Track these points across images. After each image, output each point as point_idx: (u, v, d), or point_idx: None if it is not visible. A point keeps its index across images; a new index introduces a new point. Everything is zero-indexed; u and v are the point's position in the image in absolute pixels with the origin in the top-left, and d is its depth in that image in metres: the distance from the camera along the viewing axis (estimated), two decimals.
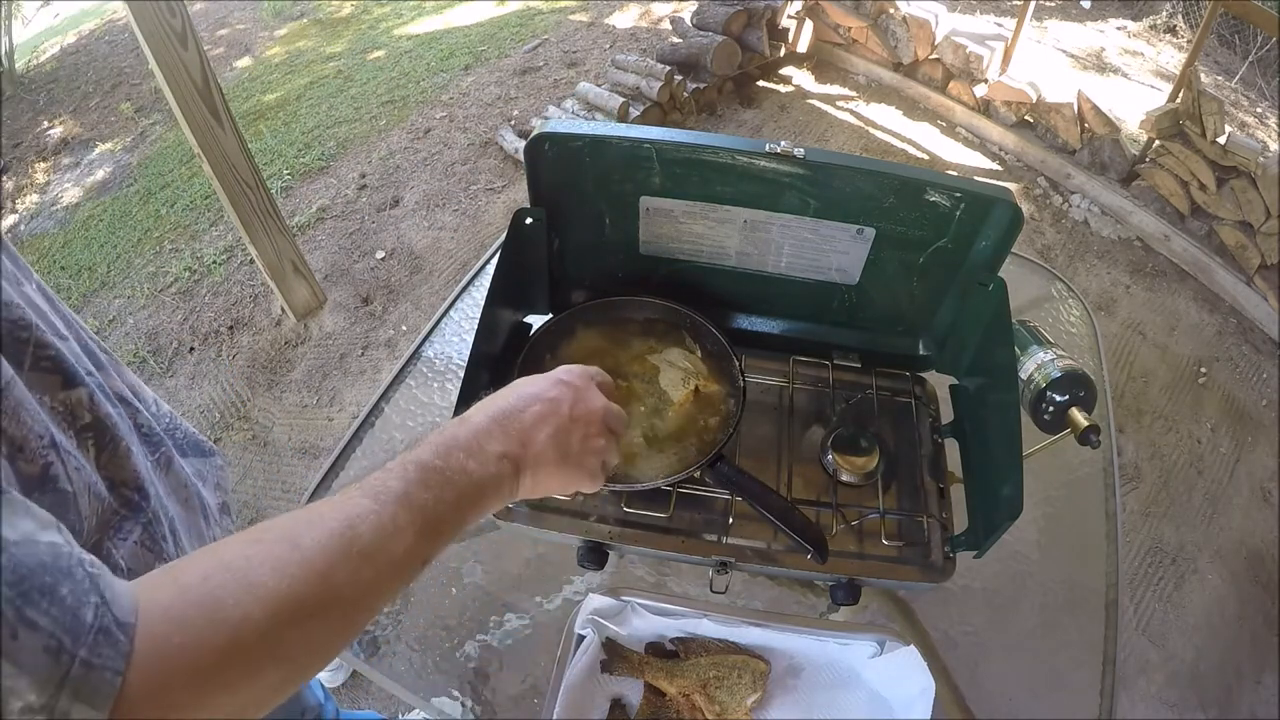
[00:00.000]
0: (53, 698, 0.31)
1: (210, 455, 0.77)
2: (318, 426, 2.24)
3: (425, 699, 0.85)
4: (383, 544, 0.44)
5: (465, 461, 0.52)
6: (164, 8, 1.67)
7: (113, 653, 0.32)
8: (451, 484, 0.50)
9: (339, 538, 0.42)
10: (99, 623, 0.32)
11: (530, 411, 0.58)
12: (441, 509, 0.49)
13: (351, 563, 0.42)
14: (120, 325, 2.60)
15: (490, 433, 0.55)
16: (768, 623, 0.82)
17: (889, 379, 0.99)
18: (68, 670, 0.31)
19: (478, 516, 0.53)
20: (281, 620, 0.38)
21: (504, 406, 0.58)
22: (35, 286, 0.55)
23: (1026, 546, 0.98)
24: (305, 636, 0.40)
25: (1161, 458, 2.17)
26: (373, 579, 0.43)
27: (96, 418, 0.53)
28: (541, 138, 0.83)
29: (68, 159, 3.60)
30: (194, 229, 2.98)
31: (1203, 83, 2.51)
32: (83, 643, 0.32)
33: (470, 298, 1.24)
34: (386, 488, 0.47)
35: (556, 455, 0.58)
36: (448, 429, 0.54)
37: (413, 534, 0.46)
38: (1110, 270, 2.72)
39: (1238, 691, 1.75)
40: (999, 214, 0.81)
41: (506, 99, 3.53)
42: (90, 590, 0.33)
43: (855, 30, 3.47)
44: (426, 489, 0.48)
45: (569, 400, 0.60)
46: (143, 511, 0.56)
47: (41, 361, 0.49)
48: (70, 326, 0.58)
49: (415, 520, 0.46)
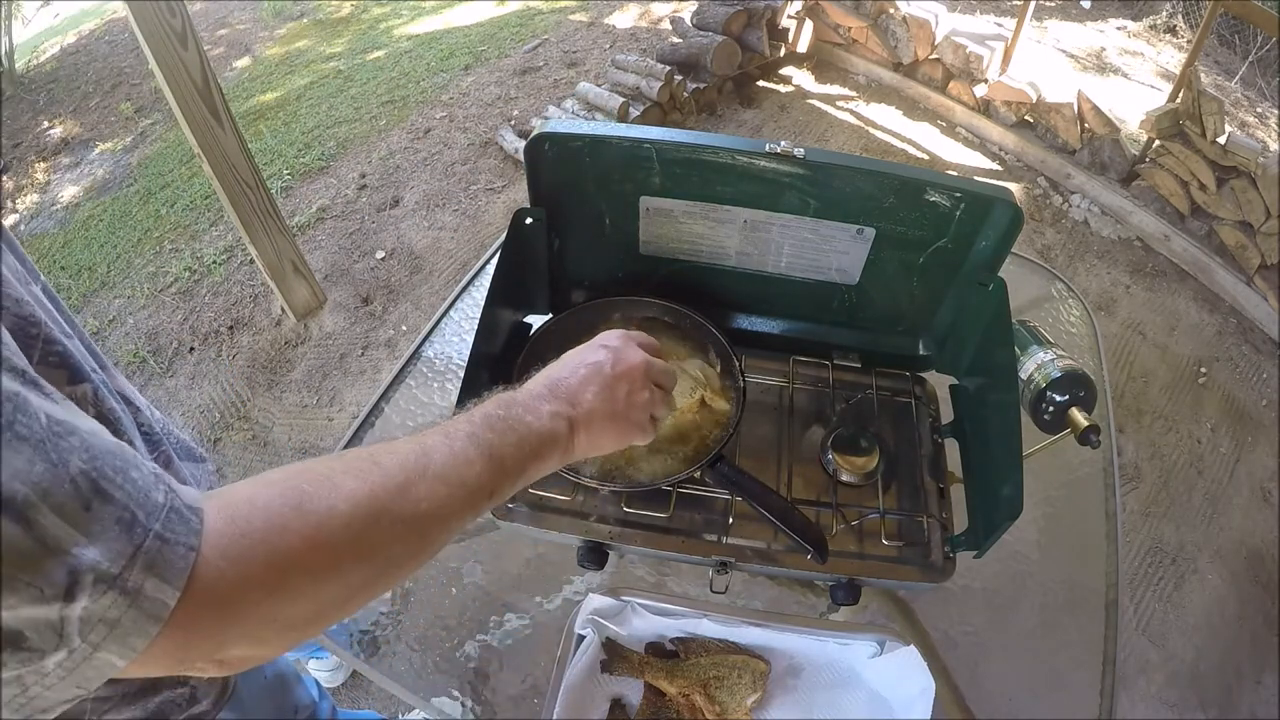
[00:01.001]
0: (126, 569, 0.31)
1: (202, 461, 0.78)
2: (318, 426, 2.24)
3: (425, 699, 0.85)
4: (455, 469, 0.48)
5: (524, 415, 0.56)
6: (164, 8, 1.67)
7: (184, 529, 0.33)
8: (514, 429, 0.54)
9: (415, 459, 0.46)
10: (170, 502, 0.33)
11: (576, 375, 0.62)
12: (506, 449, 0.53)
13: (427, 481, 0.45)
14: (120, 325, 2.60)
15: (541, 395, 0.59)
16: (768, 623, 0.82)
17: (889, 379, 0.99)
18: (141, 543, 0.31)
19: (539, 467, 0.57)
20: (365, 518, 0.40)
21: (552, 374, 0.63)
22: (41, 288, 0.56)
23: (1026, 546, 0.98)
24: (387, 538, 0.42)
25: (1161, 458, 2.17)
26: (446, 498, 0.46)
27: (100, 412, 0.54)
28: (541, 138, 0.83)
29: (68, 159, 3.60)
30: (194, 229, 2.98)
31: (1203, 83, 2.51)
32: (156, 518, 0.32)
33: (470, 298, 1.24)
34: (455, 428, 0.51)
35: (606, 410, 0.62)
36: (502, 395, 0.58)
37: (481, 465, 0.50)
38: (1110, 270, 2.72)
39: (1238, 691, 1.75)
40: (999, 214, 0.81)
41: (506, 99, 3.53)
42: (158, 480, 0.34)
43: (855, 30, 3.47)
44: (491, 430, 0.52)
45: (610, 361, 0.64)
46: None
47: (50, 357, 0.50)
48: (74, 327, 0.59)
49: (483, 454, 0.50)
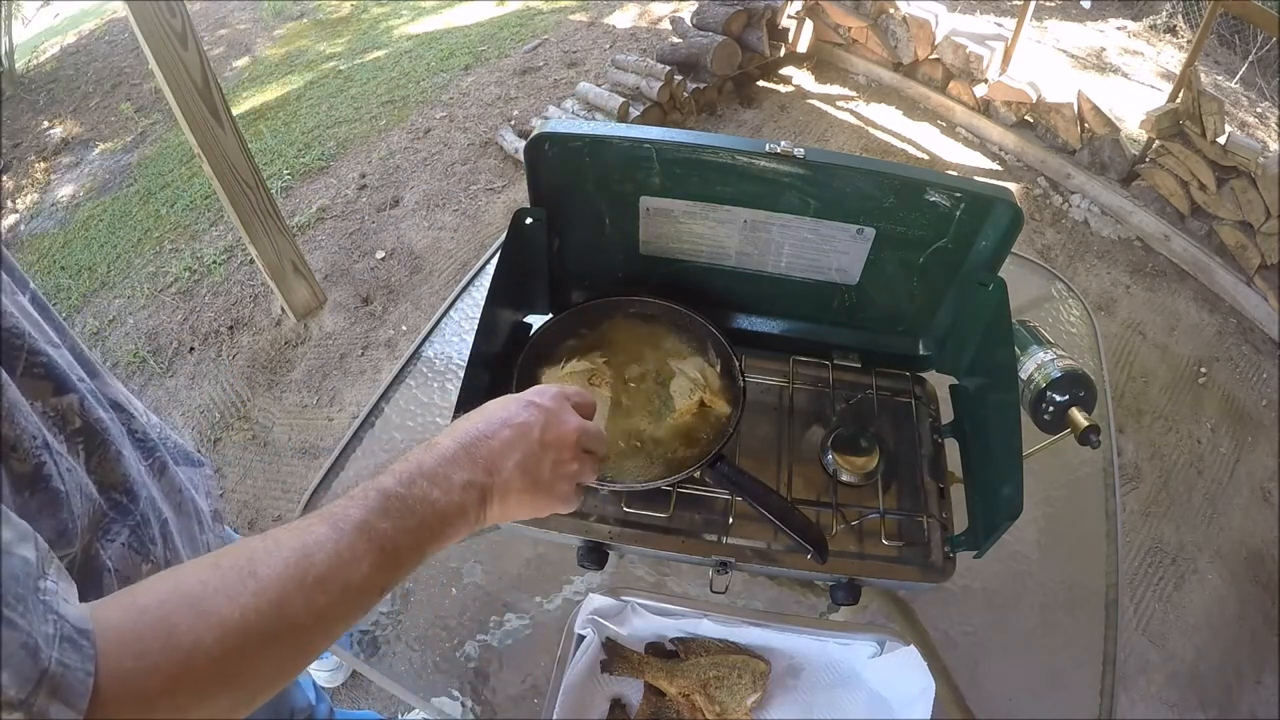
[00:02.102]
0: (32, 694, 0.31)
1: (199, 465, 0.78)
2: (318, 426, 2.24)
3: (425, 699, 0.85)
4: (338, 573, 0.44)
5: (429, 490, 0.51)
6: (164, 8, 1.67)
7: (79, 656, 0.34)
8: (413, 513, 0.49)
9: (294, 566, 0.42)
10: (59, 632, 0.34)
11: (499, 437, 0.56)
12: (401, 538, 0.48)
13: (306, 591, 0.42)
14: (120, 325, 2.60)
15: (457, 460, 0.54)
16: (768, 623, 0.82)
17: (889, 379, 0.99)
18: (45, 669, 0.32)
19: (440, 545, 0.52)
20: (233, 648, 0.38)
21: (472, 431, 0.56)
22: (30, 297, 0.56)
23: (1026, 546, 0.98)
24: (256, 664, 0.40)
25: (1161, 458, 2.17)
26: (326, 607, 0.43)
27: (87, 423, 0.53)
28: (541, 138, 0.83)
29: (68, 159, 3.60)
30: (194, 229, 2.98)
31: (1203, 83, 2.51)
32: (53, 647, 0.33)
33: (470, 298, 1.24)
34: (346, 516, 0.46)
35: (525, 482, 0.57)
36: (413, 455, 0.54)
37: (369, 563, 0.46)
38: (1110, 270, 2.72)
39: (1238, 691, 1.75)
40: (999, 214, 0.81)
41: (506, 99, 3.53)
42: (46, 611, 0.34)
43: (855, 30, 3.47)
44: (386, 517, 0.48)
45: (539, 424, 0.58)
46: (130, 514, 0.57)
47: (34, 368, 0.50)
48: (64, 334, 0.58)
49: (373, 549, 0.46)
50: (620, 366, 0.90)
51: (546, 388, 0.63)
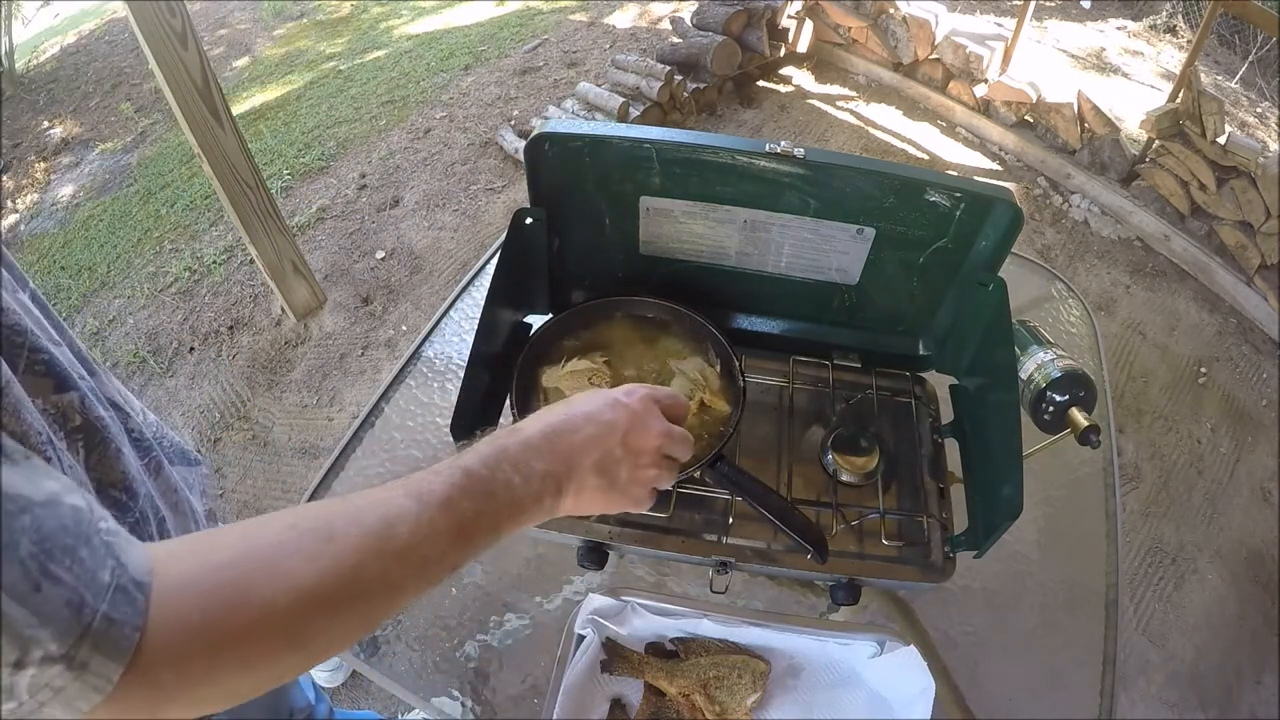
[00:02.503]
0: (74, 648, 0.32)
1: (196, 464, 0.78)
2: (318, 426, 2.24)
3: (425, 699, 0.85)
4: (417, 546, 0.44)
5: (510, 475, 0.52)
6: (164, 8, 1.67)
7: (130, 610, 0.34)
8: (493, 496, 0.50)
9: (375, 536, 0.43)
10: (115, 581, 0.34)
11: (583, 432, 0.57)
12: (480, 519, 0.49)
13: (384, 561, 0.43)
14: (120, 325, 2.60)
15: (539, 449, 0.55)
16: (768, 623, 0.82)
17: (889, 379, 0.99)
18: (89, 623, 0.33)
19: (514, 529, 0.53)
20: (306, 611, 0.39)
21: (556, 423, 0.57)
22: (30, 295, 0.56)
23: (1026, 546, 0.98)
24: (327, 628, 0.41)
25: (1161, 458, 2.17)
26: (400, 579, 0.44)
27: (87, 420, 0.53)
28: (541, 138, 0.83)
29: (68, 159, 3.60)
30: (194, 229, 2.98)
31: (1203, 83, 2.51)
32: (103, 598, 0.33)
33: (470, 298, 1.24)
34: (430, 490, 0.47)
35: (601, 481, 0.57)
36: (499, 438, 0.54)
37: (448, 540, 0.47)
38: (1110, 270, 2.72)
39: (1238, 691, 1.75)
40: (999, 214, 0.81)
41: (506, 99, 3.53)
42: (106, 555, 0.35)
43: (855, 30, 3.47)
44: (469, 496, 0.49)
45: (624, 427, 0.58)
46: (130, 511, 0.57)
47: (35, 366, 0.50)
48: (63, 333, 0.58)
49: (452, 526, 0.47)
50: (620, 366, 0.90)
51: (638, 388, 0.63)
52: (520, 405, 0.84)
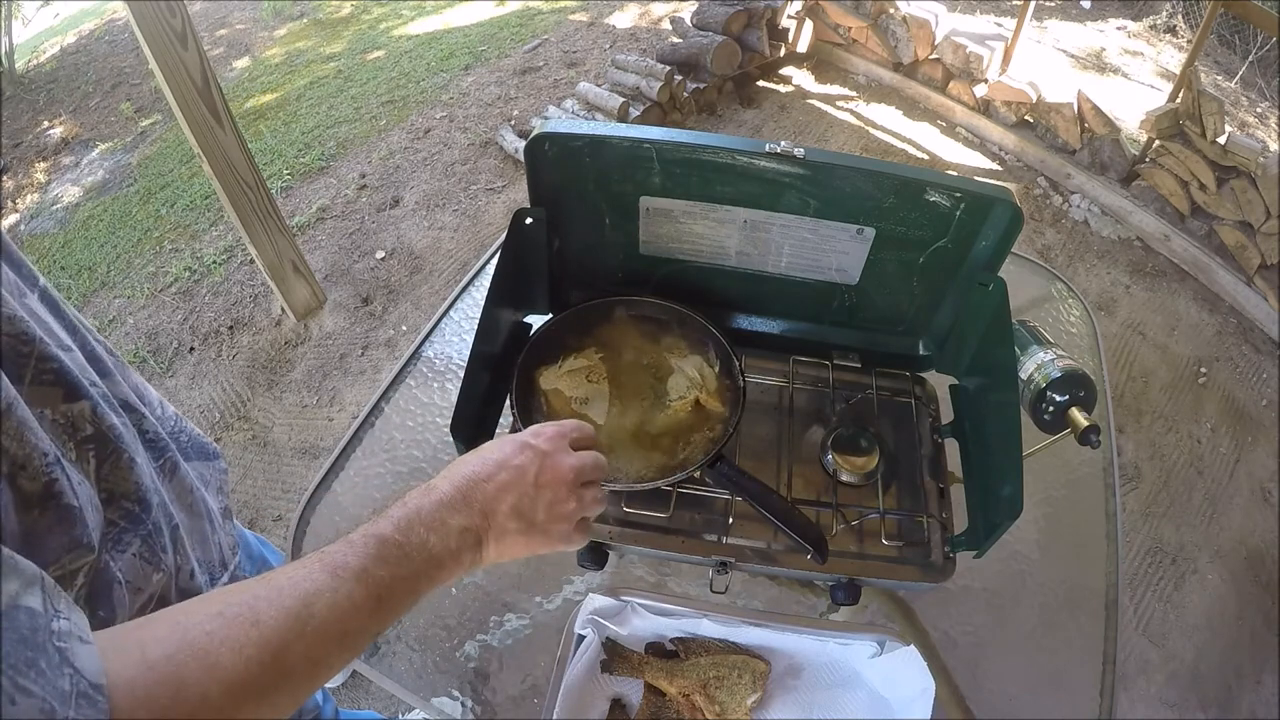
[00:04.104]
0: None
1: (214, 459, 0.77)
2: (318, 426, 2.24)
3: (425, 699, 0.85)
4: (336, 622, 0.45)
5: (426, 536, 0.52)
6: (164, 8, 1.67)
7: (94, 711, 0.35)
8: (409, 559, 0.51)
9: (295, 617, 0.43)
10: (75, 688, 0.35)
11: (495, 480, 0.58)
12: (398, 584, 0.50)
13: (305, 641, 0.43)
14: (120, 325, 2.60)
15: (453, 504, 0.55)
16: (768, 623, 0.82)
17: (889, 379, 0.99)
18: None
19: (435, 587, 0.53)
20: (237, 698, 0.40)
21: (468, 474, 0.58)
22: (39, 295, 0.55)
23: (1026, 546, 0.98)
24: (258, 710, 0.42)
25: (1161, 458, 2.17)
26: (323, 656, 0.45)
27: (99, 430, 0.53)
28: (541, 138, 0.83)
29: (68, 159, 3.60)
30: (194, 229, 2.98)
31: (1203, 83, 2.51)
32: (69, 705, 0.34)
33: (470, 298, 1.24)
34: (345, 564, 0.48)
35: (520, 525, 0.58)
36: (411, 499, 0.55)
37: (367, 612, 0.47)
38: (1110, 270, 2.72)
39: (1238, 691, 1.75)
40: (999, 214, 0.81)
41: (506, 99, 3.53)
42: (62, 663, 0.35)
43: (855, 30, 3.47)
44: (384, 564, 0.49)
45: (534, 467, 0.59)
46: (142, 523, 0.56)
47: (43, 375, 0.49)
48: (75, 333, 0.57)
49: (370, 597, 0.47)
50: (619, 365, 0.90)
51: (543, 427, 0.64)
52: (520, 405, 0.84)
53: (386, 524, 0.52)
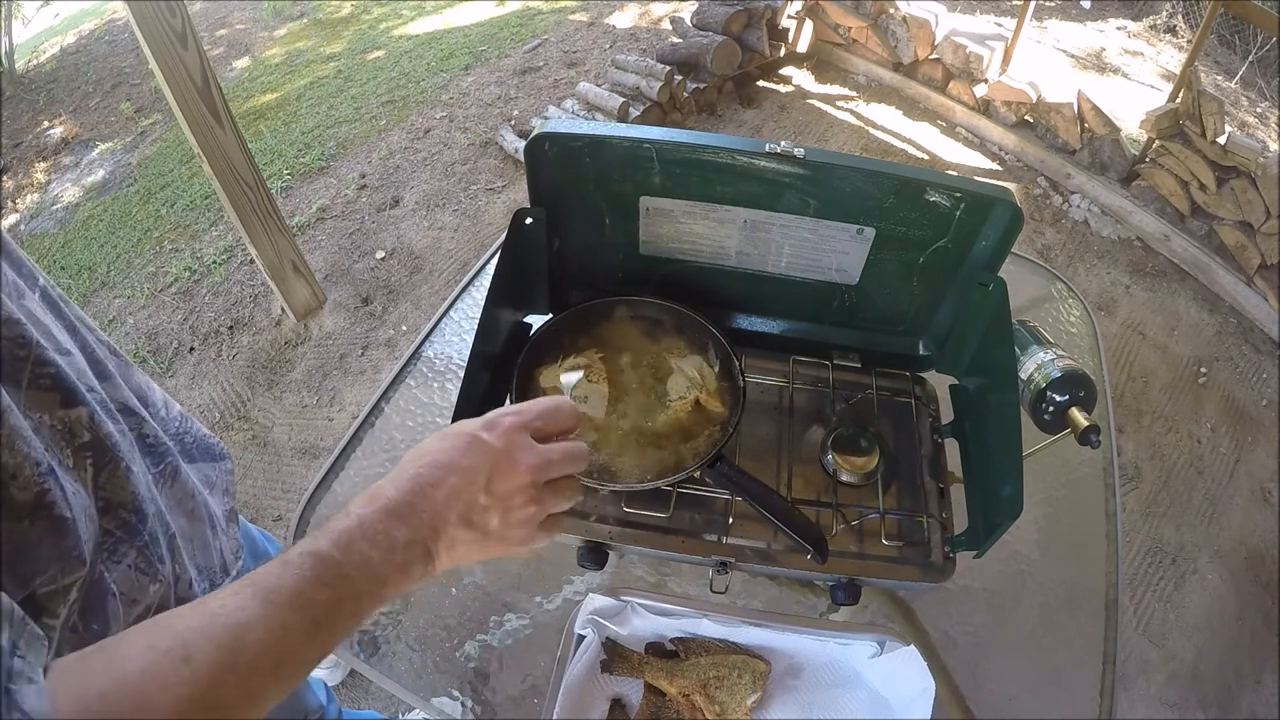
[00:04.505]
0: None
1: (219, 459, 0.76)
2: (318, 426, 2.24)
3: (425, 699, 0.85)
4: (271, 652, 0.43)
5: (368, 552, 0.48)
6: (164, 8, 1.67)
7: None
8: (349, 580, 0.47)
9: (227, 651, 0.41)
10: None
11: (444, 486, 0.52)
12: (338, 607, 0.46)
13: (238, 675, 0.41)
14: (120, 325, 2.60)
15: (399, 513, 0.51)
16: (768, 623, 0.82)
17: (889, 379, 0.99)
18: None
19: (381, 605, 0.50)
20: None
21: (417, 479, 0.52)
22: (39, 295, 0.54)
23: (1026, 546, 0.98)
24: None
25: (1161, 458, 2.17)
26: (259, 688, 0.43)
27: (96, 437, 0.52)
28: (541, 138, 0.83)
29: (68, 159, 3.60)
30: (194, 229, 2.98)
31: (1203, 83, 2.51)
32: None
33: (470, 298, 1.24)
34: (279, 587, 0.45)
35: (472, 535, 0.53)
36: (355, 508, 0.50)
37: (303, 637, 0.45)
38: (1110, 270, 2.72)
39: (1238, 691, 1.75)
40: (999, 214, 0.81)
41: (506, 99, 3.53)
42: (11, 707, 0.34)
43: (855, 30, 3.47)
44: (321, 587, 0.46)
45: (486, 471, 0.53)
46: (138, 534, 0.55)
47: (40, 379, 0.48)
48: (76, 333, 0.57)
49: (306, 622, 0.45)
50: (619, 365, 0.90)
51: (500, 415, 0.57)
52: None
53: (325, 540, 0.48)
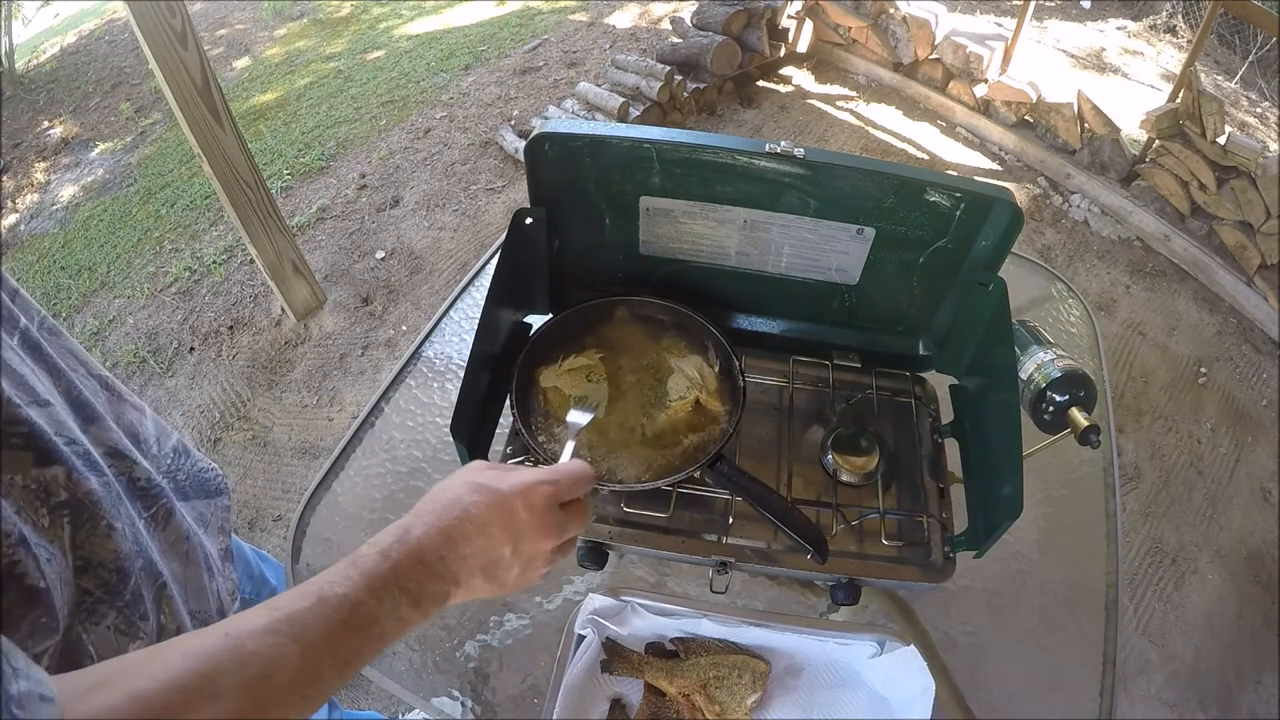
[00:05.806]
0: None
1: (216, 495, 0.75)
2: (318, 426, 2.24)
3: (425, 699, 0.85)
4: (297, 689, 0.44)
5: (399, 599, 0.50)
6: (164, 8, 1.67)
7: None
8: (378, 623, 0.49)
9: (257, 687, 0.42)
10: None
11: (474, 544, 0.55)
12: (366, 646, 0.48)
13: (264, 711, 0.42)
14: (120, 325, 2.60)
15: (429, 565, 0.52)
16: (768, 623, 0.82)
17: (889, 379, 0.99)
18: None
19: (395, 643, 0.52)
20: None
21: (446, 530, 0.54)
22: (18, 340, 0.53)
23: (1026, 546, 0.98)
24: None
25: (1161, 458, 2.17)
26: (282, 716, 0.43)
27: (74, 495, 0.51)
28: (541, 138, 0.83)
29: (68, 159, 3.60)
30: (194, 229, 2.98)
31: (1203, 83, 2.51)
32: None
33: (470, 298, 1.24)
34: (314, 627, 0.45)
35: (490, 586, 0.57)
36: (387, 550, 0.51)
37: (332, 674, 0.46)
38: (1110, 270, 2.72)
39: (1238, 691, 1.75)
40: (999, 214, 0.81)
41: (506, 99, 3.53)
42: None
43: (855, 30, 3.47)
44: (354, 632, 0.47)
45: (514, 539, 0.57)
46: (119, 595, 0.54)
47: (12, 439, 0.47)
48: (60, 376, 0.55)
49: (336, 663, 0.46)
50: (619, 365, 0.90)
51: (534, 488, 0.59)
52: (520, 405, 0.84)
53: (360, 581, 0.49)
